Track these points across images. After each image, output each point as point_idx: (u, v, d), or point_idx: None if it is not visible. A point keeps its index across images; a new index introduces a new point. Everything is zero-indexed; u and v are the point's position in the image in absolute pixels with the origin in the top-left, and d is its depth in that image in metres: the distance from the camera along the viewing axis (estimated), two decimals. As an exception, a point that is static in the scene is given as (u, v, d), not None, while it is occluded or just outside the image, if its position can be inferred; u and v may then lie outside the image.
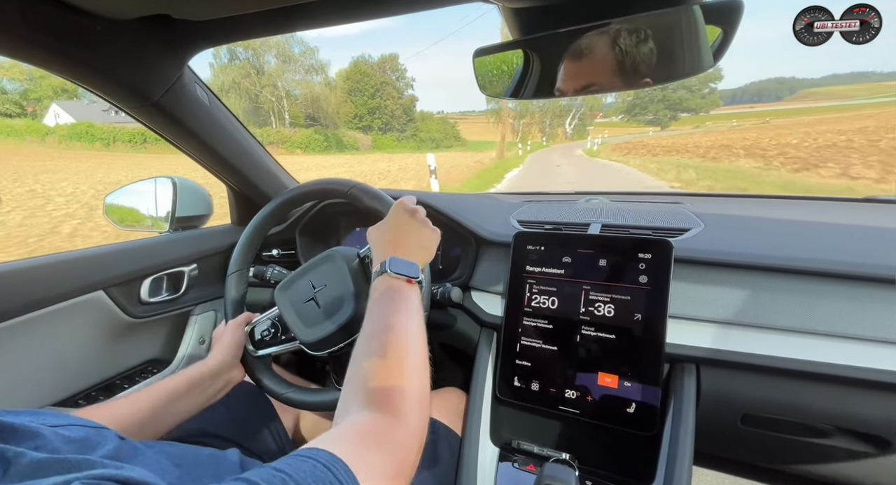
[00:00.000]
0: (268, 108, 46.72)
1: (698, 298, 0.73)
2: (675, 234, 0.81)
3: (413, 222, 0.68)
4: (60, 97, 39.96)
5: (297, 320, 0.77)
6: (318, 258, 0.81)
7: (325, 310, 0.76)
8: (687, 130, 47.70)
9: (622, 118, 72.60)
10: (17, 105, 41.18)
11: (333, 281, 0.77)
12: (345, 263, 0.77)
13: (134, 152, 28.21)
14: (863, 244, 0.75)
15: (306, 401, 0.79)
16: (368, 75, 52.10)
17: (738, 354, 0.69)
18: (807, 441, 0.72)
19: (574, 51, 0.55)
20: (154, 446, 0.48)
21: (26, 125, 31.31)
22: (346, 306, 0.74)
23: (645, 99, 65.43)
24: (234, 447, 0.64)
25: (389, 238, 0.66)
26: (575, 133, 62.19)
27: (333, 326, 0.74)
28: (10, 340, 0.76)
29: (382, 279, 0.60)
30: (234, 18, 0.66)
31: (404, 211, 0.69)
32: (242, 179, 1.09)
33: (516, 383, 0.82)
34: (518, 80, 0.64)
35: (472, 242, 0.98)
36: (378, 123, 52.61)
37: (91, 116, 31.75)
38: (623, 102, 70.35)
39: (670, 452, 0.67)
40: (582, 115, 64.02)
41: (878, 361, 0.63)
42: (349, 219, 1.22)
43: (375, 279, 0.61)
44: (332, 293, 0.76)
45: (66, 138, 29.59)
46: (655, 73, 0.53)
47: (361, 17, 0.67)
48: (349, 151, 40.41)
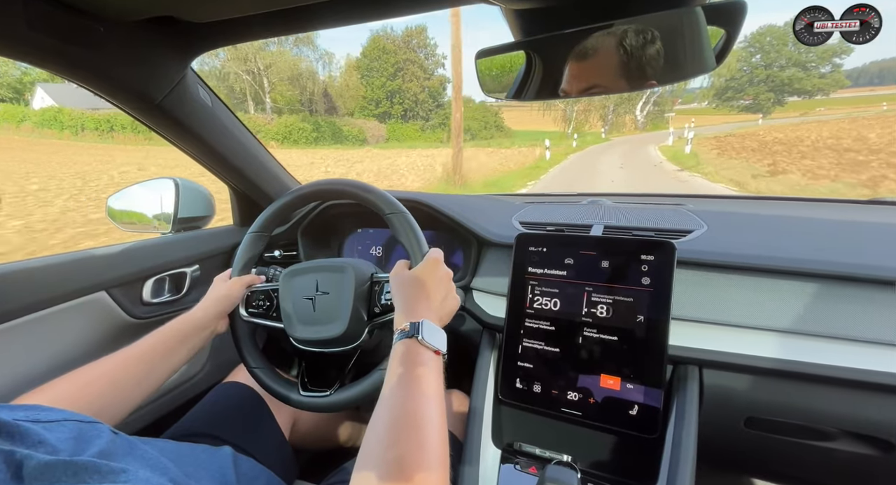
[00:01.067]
0: (241, 90, 36.75)
1: (702, 300, 0.73)
2: (678, 235, 0.81)
3: (446, 283, 0.66)
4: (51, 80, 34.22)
5: (292, 311, 0.78)
6: (332, 263, 0.80)
7: (318, 315, 0.77)
8: (795, 118, 35.13)
9: (710, 104, 53.37)
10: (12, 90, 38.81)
11: (336, 292, 0.77)
12: (354, 281, 0.76)
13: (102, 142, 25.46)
14: (867, 246, 0.75)
15: (268, 384, 0.79)
16: (389, 52, 41.17)
17: (741, 357, 0.68)
18: (811, 444, 0.72)
19: (579, 52, 0.55)
20: (149, 441, 0.49)
21: (2, 110, 29.25)
22: (338, 323, 0.75)
23: (742, 80, 47.68)
24: (227, 446, 0.64)
25: (421, 296, 0.63)
26: (649, 122, 45.93)
27: (318, 336, 0.75)
28: (12, 341, 0.76)
29: (412, 344, 0.56)
30: (237, 20, 0.66)
31: (438, 267, 0.67)
32: (244, 180, 1.09)
33: (518, 384, 0.82)
34: (520, 81, 0.64)
35: (473, 243, 0.98)
36: (399, 110, 42.09)
37: (76, 102, 28.17)
38: (712, 86, 50.66)
39: (673, 454, 0.66)
40: (660, 100, 47.05)
41: (883, 364, 0.62)
42: (351, 220, 1.22)
43: (402, 339, 0.57)
44: (330, 303, 0.76)
45: (38, 125, 27.46)
46: (660, 74, 0.53)
47: (364, 19, 0.67)
48: (349, 144, 32.14)
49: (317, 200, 0.91)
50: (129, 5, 0.61)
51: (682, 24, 0.52)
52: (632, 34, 0.53)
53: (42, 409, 0.40)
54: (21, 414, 0.36)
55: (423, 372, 0.53)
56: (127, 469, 0.32)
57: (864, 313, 0.65)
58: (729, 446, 0.80)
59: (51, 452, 0.33)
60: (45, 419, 0.37)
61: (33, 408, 0.40)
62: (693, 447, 0.66)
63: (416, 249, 0.73)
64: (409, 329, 0.57)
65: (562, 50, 0.57)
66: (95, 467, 0.31)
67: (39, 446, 0.33)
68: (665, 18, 0.52)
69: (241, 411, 0.84)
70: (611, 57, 0.54)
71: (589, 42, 0.55)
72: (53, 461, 0.29)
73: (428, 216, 0.99)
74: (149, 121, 0.85)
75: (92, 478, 0.30)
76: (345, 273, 0.77)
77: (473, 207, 1.06)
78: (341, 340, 0.76)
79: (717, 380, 0.72)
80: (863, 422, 0.67)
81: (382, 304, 0.77)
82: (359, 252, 1.22)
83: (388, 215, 0.77)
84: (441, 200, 1.03)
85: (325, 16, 0.66)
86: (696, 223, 0.86)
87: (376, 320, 0.77)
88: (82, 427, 0.40)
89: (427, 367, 0.54)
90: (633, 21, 0.52)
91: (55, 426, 0.37)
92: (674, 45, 0.53)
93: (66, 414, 0.40)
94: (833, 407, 0.67)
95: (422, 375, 0.52)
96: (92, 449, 0.38)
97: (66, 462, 0.30)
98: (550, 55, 0.60)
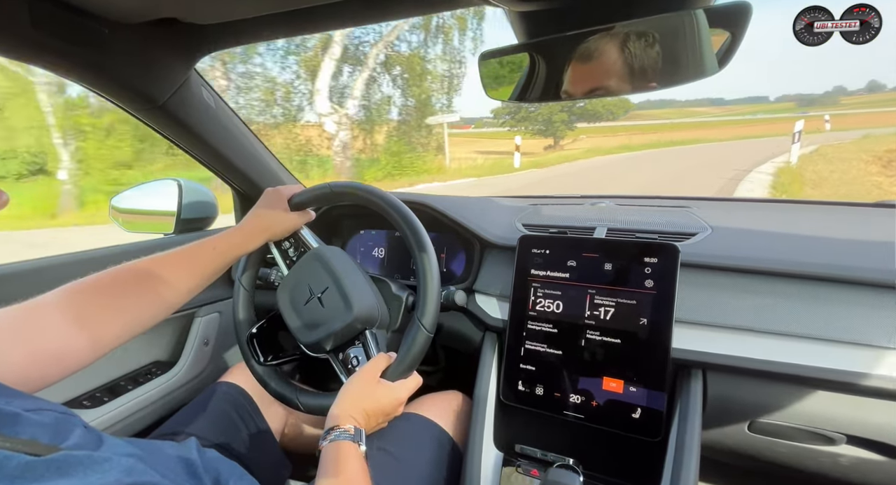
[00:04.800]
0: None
1: (706, 303, 0.73)
2: (682, 238, 0.81)
3: (391, 416, 0.67)
4: None
5: (292, 285, 0.79)
6: (346, 289, 0.74)
7: (305, 311, 0.76)
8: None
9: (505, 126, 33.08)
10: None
11: (329, 314, 0.74)
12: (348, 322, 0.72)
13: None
14: (872, 249, 0.74)
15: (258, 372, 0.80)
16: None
17: (745, 360, 0.68)
18: (816, 449, 0.71)
19: (582, 54, 0.55)
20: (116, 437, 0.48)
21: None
22: (312, 334, 0.74)
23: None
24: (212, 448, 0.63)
25: (376, 411, 0.63)
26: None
27: (294, 326, 0.76)
28: None
29: (354, 449, 0.57)
30: (241, 22, 0.67)
31: (400, 405, 0.67)
32: (247, 181, 1.10)
33: (520, 387, 0.82)
34: (524, 83, 0.64)
35: (476, 245, 0.97)
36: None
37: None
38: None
39: (676, 458, 0.66)
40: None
41: (891, 369, 0.62)
42: (354, 221, 1.22)
43: (347, 439, 0.57)
44: (319, 316, 0.75)
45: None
46: (661, 76, 0.53)
47: (366, 21, 0.68)
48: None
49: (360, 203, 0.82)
50: (133, 7, 0.61)
51: (683, 27, 0.52)
52: (633, 36, 0.53)
53: (20, 395, 0.40)
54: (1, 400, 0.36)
55: (363, 482, 0.54)
56: (110, 458, 0.32)
57: (870, 317, 0.64)
58: (733, 450, 0.79)
59: (31, 436, 0.33)
60: (23, 407, 0.37)
61: (11, 392, 0.40)
62: (696, 451, 0.65)
63: (408, 364, 0.69)
64: (353, 432, 0.58)
65: (565, 52, 0.57)
66: (77, 460, 0.31)
67: (19, 432, 0.33)
68: (667, 20, 0.52)
69: (228, 411, 0.83)
70: (613, 59, 0.54)
71: (591, 44, 0.54)
72: (34, 461, 0.29)
73: (430, 218, 0.99)
74: (152, 122, 0.85)
75: (76, 471, 0.30)
76: (347, 310, 0.72)
77: (476, 208, 1.06)
78: (302, 343, 0.76)
79: (721, 383, 0.72)
80: (869, 427, 0.66)
81: (345, 354, 0.75)
82: (361, 254, 1.21)
83: (416, 318, 0.71)
84: (443, 201, 1.03)
85: (328, 17, 0.66)
86: (701, 226, 0.85)
87: (332, 361, 0.76)
88: (58, 417, 0.39)
89: (366, 478, 0.55)
90: (635, 23, 0.52)
91: (34, 413, 0.37)
92: (675, 48, 0.53)
93: (42, 403, 0.40)
94: (839, 412, 0.67)
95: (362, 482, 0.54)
96: (69, 441, 0.37)
97: (47, 461, 0.30)
98: (553, 57, 0.59)
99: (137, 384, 0.96)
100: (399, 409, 0.67)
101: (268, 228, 0.76)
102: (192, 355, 1.06)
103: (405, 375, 0.68)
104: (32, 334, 0.50)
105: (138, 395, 0.94)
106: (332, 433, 0.58)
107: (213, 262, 0.70)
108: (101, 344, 0.57)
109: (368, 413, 0.62)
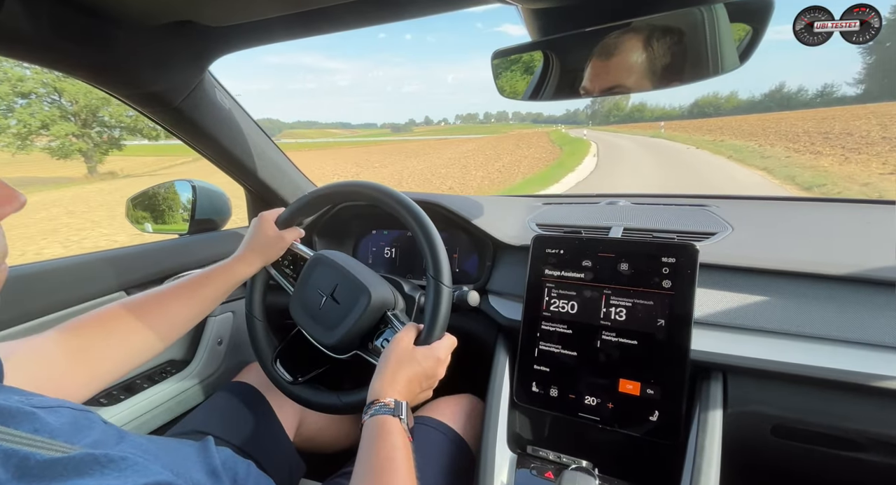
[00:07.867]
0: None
1: (726, 305, 0.71)
2: (701, 238, 0.79)
3: (433, 381, 0.66)
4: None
5: (303, 293, 0.80)
6: (356, 278, 0.75)
7: (321, 314, 0.76)
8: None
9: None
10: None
11: (345, 308, 0.75)
12: (366, 307, 0.72)
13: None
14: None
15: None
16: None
17: (767, 363, 0.66)
18: (841, 454, 0.69)
19: (600, 50, 0.54)
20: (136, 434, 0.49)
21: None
22: (332, 335, 0.74)
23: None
24: (227, 447, 0.63)
25: (413, 379, 0.62)
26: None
27: (312, 332, 0.77)
28: None
29: (395, 423, 0.55)
30: (255, 23, 0.67)
31: (440, 365, 0.66)
32: (260, 182, 1.10)
33: (534, 388, 0.81)
34: (538, 81, 0.63)
35: (489, 245, 0.97)
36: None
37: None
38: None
39: (696, 462, 0.65)
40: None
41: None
42: (365, 221, 1.22)
43: (385, 414, 0.56)
44: (335, 313, 0.76)
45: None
46: (683, 73, 0.52)
47: (379, 21, 0.67)
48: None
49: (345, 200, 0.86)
50: (149, 10, 0.62)
51: (703, 22, 0.51)
52: (652, 32, 0.52)
53: (35, 395, 0.40)
54: (16, 398, 0.37)
55: (403, 455, 0.52)
56: (126, 457, 0.32)
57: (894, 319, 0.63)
58: (755, 454, 0.77)
59: (49, 434, 0.33)
60: (40, 405, 0.37)
61: (27, 393, 0.40)
62: (717, 455, 0.64)
63: (438, 324, 0.68)
64: (392, 406, 0.56)
65: (581, 49, 0.56)
66: (95, 459, 0.31)
67: (38, 429, 0.34)
68: (686, 16, 0.51)
69: (242, 411, 0.84)
70: (631, 56, 0.53)
71: (609, 40, 0.53)
72: (53, 459, 0.30)
73: (443, 218, 0.98)
74: (166, 123, 0.86)
75: (93, 469, 0.30)
76: (362, 295, 0.73)
77: (488, 208, 1.05)
78: (328, 347, 0.75)
79: (743, 386, 0.70)
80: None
81: (375, 345, 0.74)
82: (373, 254, 1.21)
83: (430, 277, 0.70)
84: (456, 201, 1.03)
85: (342, 18, 0.66)
86: (721, 225, 0.83)
87: (362, 354, 0.75)
88: (76, 415, 0.40)
89: (407, 450, 0.53)
90: (653, 19, 0.51)
91: (51, 412, 0.37)
92: (696, 43, 0.52)
93: (59, 401, 0.41)
94: (864, 416, 0.65)
95: (403, 458, 0.52)
96: (87, 439, 0.38)
97: (66, 459, 0.30)
98: (569, 54, 0.59)
99: (153, 383, 0.98)
100: (440, 369, 0.66)
101: (261, 251, 0.79)
102: (206, 355, 1.07)
103: (439, 336, 0.68)
104: (34, 370, 0.52)
105: (154, 393, 0.95)
106: (371, 408, 0.57)
107: (210, 293, 0.73)
108: (98, 380, 0.59)
109: (410, 379, 0.61)
